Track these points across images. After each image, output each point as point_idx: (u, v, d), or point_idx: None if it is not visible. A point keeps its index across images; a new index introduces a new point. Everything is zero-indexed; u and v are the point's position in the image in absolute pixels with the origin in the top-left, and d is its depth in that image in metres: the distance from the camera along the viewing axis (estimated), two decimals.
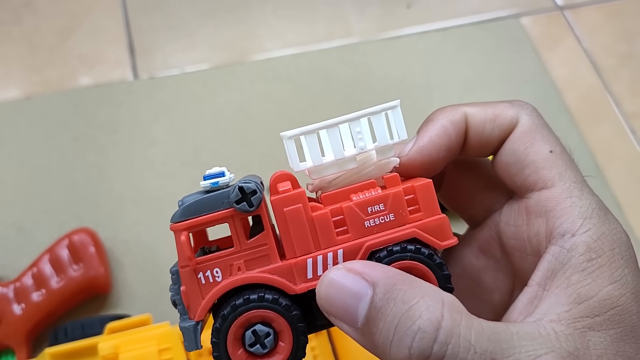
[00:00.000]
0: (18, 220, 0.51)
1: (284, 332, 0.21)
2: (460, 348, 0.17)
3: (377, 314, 0.18)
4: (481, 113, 0.23)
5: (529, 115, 0.22)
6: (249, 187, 0.20)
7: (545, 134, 0.22)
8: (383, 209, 0.21)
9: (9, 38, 0.62)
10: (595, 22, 0.67)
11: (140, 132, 0.56)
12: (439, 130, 0.23)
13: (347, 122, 0.22)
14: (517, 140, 0.22)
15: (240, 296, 0.21)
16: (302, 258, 0.21)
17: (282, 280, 0.21)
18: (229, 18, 0.64)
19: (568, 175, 0.21)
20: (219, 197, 0.21)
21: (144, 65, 0.60)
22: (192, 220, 0.21)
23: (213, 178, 0.21)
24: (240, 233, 0.21)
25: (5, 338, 0.43)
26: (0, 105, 0.57)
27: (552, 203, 0.21)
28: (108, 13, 0.63)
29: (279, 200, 0.21)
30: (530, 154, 0.22)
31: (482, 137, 0.23)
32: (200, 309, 0.21)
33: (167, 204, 0.52)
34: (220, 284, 0.21)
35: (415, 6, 0.67)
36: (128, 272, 0.49)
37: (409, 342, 0.17)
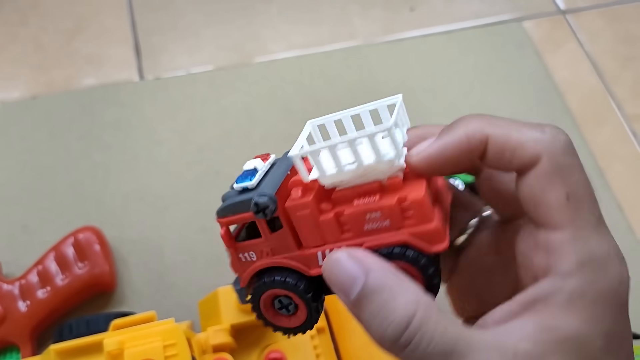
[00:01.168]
0: (24, 218, 0.51)
1: (300, 305, 0.26)
2: (424, 340, 0.21)
3: (365, 298, 0.22)
4: (504, 139, 0.22)
5: (551, 156, 0.21)
6: (264, 204, 0.24)
7: (569, 174, 0.22)
8: (380, 216, 0.23)
9: (16, 38, 0.62)
10: (597, 26, 0.67)
11: (146, 132, 0.56)
12: (454, 143, 0.23)
13: (349, 139, 0.23)
14: (537, 178, 0.22)
15: (271, 275, 0.26)
16: (314, 250, 0.25)
17: (300, 265, 0.26)
18: (234, 20, 0.65)
19: (579, 221, 0.21)
20: (244, 203, 0.25)
21: (150, 66, 0.61)
22: (228, 219, 0.25)
23: (243, 181, 0.25)
24: (264, 228, 0.25)
25: (10, 335, 0.44)
26: (7, 105, 0.57)
27: (556, 245, 0.22)
28: (114, 14, 0.64)
29: (291, 208, 0.24)
30: (546, 197, 0.22)
31: (499, 164, 0.23)
32: (243, 280, 0.27)
33: (172, 203, 0.53)
34: (255, 264, 0.26)
35: (419, 9, 0.67)
36: (133, 270, 0.49)
37: (385, 326, 0.21)
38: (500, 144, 0.22)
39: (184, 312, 0.47)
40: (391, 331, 0.21)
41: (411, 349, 0.21)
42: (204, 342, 0.39)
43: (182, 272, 0.49)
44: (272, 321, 0.27)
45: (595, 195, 0.22)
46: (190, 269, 0.49)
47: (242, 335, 0.41)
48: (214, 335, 0.39)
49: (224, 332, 0.39)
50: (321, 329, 0.43)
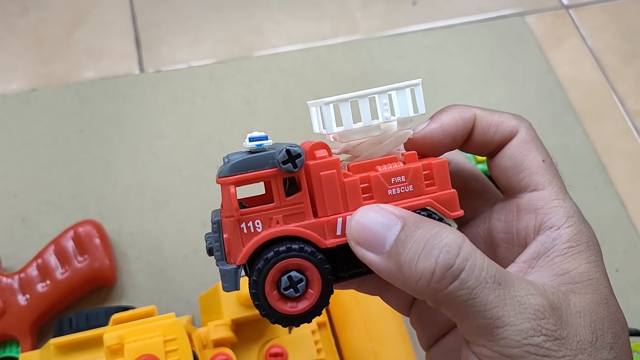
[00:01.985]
0: (23, 212, 0.51)
1: (314, 281, 0.24)
2: (476, 266, 0.21)
3: (407, 236, 0.22)
4: (488, 117, 0.26)
5: (527, 128, 0.26)
6: (295, 151, 0.23)
7: (540, 145, 0.26)
8: (404, 181, 0.24)
9: (16, 30, 0.62)
10: (600, 21, 0.67)
11: (146, 125, 0.56)
12: (450, 120, 0.26)
13: (376, 94, 0.25)
14: (516, 147, 0.26)
15: (283, 244, 0.23)
16: (333, 217, 0.24)
17: (315, 235, 0.24)
18: (235, 13, 0.64)
19: (555, 182, 0.25)
20: (264, 157, 0.23)
21: (150, 59, 0.61)
22: (240, 176, 0.23)
23: (258, 140, 0.23)
24: (280, 191, 0.23)
25: (10, 328, 0.44)
26: (6, 97, 0.57)
27: (542, 202, 0.25)
28: (115, 6, 0.64)
29: (317, 165, 0.24)
30: (526, 161, 0.25)
31: (485, 137, 0.26)
32: (242, 255, 0.23)
33: (172, 197, 0.52)
34: (262, 234, 0.23)
35: (421, 3, 0.67)
36: (133, 264, 0.49)
37: (437, 254, 0.21)
38: (486, 121, 0.26)
39: (184, 306, 0.47)
40: (444, 256, 0.21)
41: (465, 276, 0.20)
42: (204, 337, 0.39)
43: (182, 266, 0.49)
44: (275, 307, 0.24)
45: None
46: (191, 263, 0.49)
47: (242, 330, 0.41)
48: (214, 330, 0.39)
49: (224, 326, 0.39)
50: (322, 324, 0.43)
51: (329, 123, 0.24)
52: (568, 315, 0.21)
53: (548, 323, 0.21)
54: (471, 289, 0.20)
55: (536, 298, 0.21)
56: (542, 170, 0.25)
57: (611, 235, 0.54)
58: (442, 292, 0.21)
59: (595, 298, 0.22)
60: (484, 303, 0.20)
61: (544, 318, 0.21)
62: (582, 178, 0.57)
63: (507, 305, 0.20)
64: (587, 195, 0.56)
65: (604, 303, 0.22)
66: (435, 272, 0.21)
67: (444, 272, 0.20)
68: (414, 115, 0.25)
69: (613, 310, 0.23)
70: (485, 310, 0.20)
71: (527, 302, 0.21)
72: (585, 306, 0.22)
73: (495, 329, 0.20)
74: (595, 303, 0.22)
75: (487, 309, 0.20)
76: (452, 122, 0.26)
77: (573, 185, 0.28)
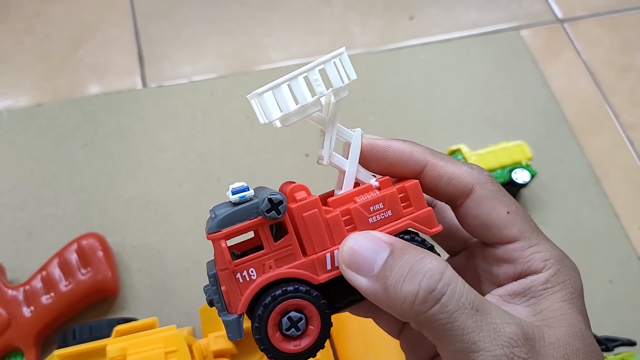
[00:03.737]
0: (29, 225, 0.52)
1: (313, 317, 0.25)
2: (457, 291, 0.22)
3: (394, 261, 0.23)
4: (442, 168, 0.26)
5: (484, 183, 0.26)
6: (277, 198, 0.24)
7: (501, 197, 0.26)
8: (382, 207, 0.25)
9: (22, 47, 0.63)
10: (594, 35, 0.68)
11: (148, 139, 0.57)
12: (397, 149, 0.26)
13: (305, 72, 0.26)
14: (478, 206, 0.26)
15: (278, 288, 0.24)
16: (322, 253, 0.25)
17: (307, 273, 0.25)
18: (235, 29, 0.66)
19: (526, 229, 0.26)
20: (249, 209, 0.24)
21: (153, 74, 0.62)
22: (228, 230, 0.24)
23: (240, 192, 0.24)
24: (269, 237, 0.24)
25: (15, 340, 0.45)
26: (12, 112, 0.58)
27: (517, 253, 0.25)
28: (118, 23, 0.65)
29: (299, 208, 0.25)
30: (492, 218, 0.26)
31: (437, 187, 0.26)
32: (242, 304, 0.24)
33: (174, 210, 0.53)
34: (257, 281, 0.24)
35: (417, 18, 0.68)
36: (135, 276, 0.50)
37: (420, 278, 0.22)
38: (438, 171, 0.26)
39: (185, 317, 0.48)
40: (426, 281, 0.22)
41: (445, 300, 0.21)
42: (205, 348, 0.40)
43: (183, 279, 0.50)
44: (280, 348, 0.25)
45: (543, 234, 0.26)
46: (192, 275, 0.50)
47: (242, 341, 0.42)
48: (214, 341, 0.40)
49: (224, 338, 0.40)
50: None
51: (268, 112, 0.25)
52: (541, 346, 0.22)
53: (521, 351, 0.21)
54: (450, 313, 0.21)
55: (511, 327, 0.22)
56: (509, 222, 0.25)
57: (605, 247, 0.54)
58: (424, 314, 0.22)
59: (570, 331, 0.23)
60: (462, 327, 0.21)
61: (517, 346, 0.21)
62: (576, 190, 0.58)
63: (483, 331, 0.21)
64: (581, 207, 0.57)
65: (579, 336, 0.23)
66: (418, 294, 0.22)
67: (427, 295, 0.22)
68: (347, 82, 0.26)
69: (589, 342, 0.23)
70: (462, 334, 0.21)
71: (502, 330, 0.22)
72: (559, 338, 0.23)
73: (471, 353, 0.21)
74: (569, 335, 0.23)
75: (464, 333, 0.21)
76: (398, 152, 0.26)
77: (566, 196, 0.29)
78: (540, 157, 0.57)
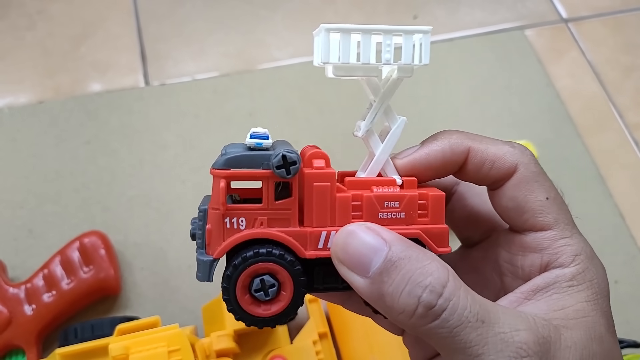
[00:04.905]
0: (30, 222, 0.52)
1: (286, 283, 0.24)
2: (459, 305, 0.20)
3: (392, 266, 0.21)
4: (484, 151, 0.24)
5: (527, 164, 0.24)
6: (291, 157, 0.22)
7: (542, 181, 0.24)
8: (397, 207, 0.24)
9: (24, 44, 0.63)
10: (599, 35, 0.68)
11: (151, 137, 0.57)
12: (437, 152, 0.25)
13: (382, 32, 0.23)
14: (516, 187, 0.24)
15: (250, 249, 0.23)
16: (318, 229, 0.23)
17: (296, 243, 0.23)
18: (238, 27, 0.65)
19: (562, 219, 0.24)
20: (260, 158, 0.23)
21: (155, 72, 0.62)
22: (232, 172, 0.23)
23: (258, 138, 0.23)
24: (270, 193, 0.23)
25: (16, 338, 0.44)
26: (14, 110, 0.58)
27: (548, 242, 0.24)
28: (121, 21, 0.65)
29: (312, 175, 0.23)
30: (529, 202, 0.24)
31: (480, 173, 0.25)
32: (220, 249, 0.23)
33: (176, 208, 0.53)
34: (243, 232, 0.23)
35: (422, 17, 0.68)
36: (137, 275, 0.50)
37: (420, 293, 0.20)
38: (480, 155, 0.24)
39: (188, 316, 0.47)
40: (427, 296, 0.20)
41: (446, 316, 0.20)
42: (207, 347, 0.39)
43: (186, 277, 0.50)
44: (248, 311, 0.24)
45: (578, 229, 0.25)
46: (194, 274, 0.50)
47: (245, 341, 0.42)
48: (217, 340, 0.40)
49: (227, 337, 0.40)
50: (324, 335, 0.44)
51: (327, 53, 0.23)
52: (556, 350, 0.21)
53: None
54: (452, 328, 0.20)
55: (521, 334, 0.21)
56: (546, 209, 0.24)
57: (610, 247, 0.54)
58: (423, 327, 0.21)
59: (589, 334, 0.22)
60: (465, 341, 0.20)
61: (527, 356, 0.21)
62: (581, 190, 0.57)
63: (489, 343, 0.20)
64: (586, 207, 0.56)
65: (598, 339, 0.22)
66: (417, 310, 0.20)
67: (426, 311, 0.20)
68: (417, 64, 0.24)
69: (607, 347, 0.22)
70: (465, 347, 0.20)
71: (510, 340, 0.21)
72: (576, 341, 0.22)
73: None
74: (587, 339, 0.22)
75: (467, 347, 0.20)
76: (440, 154, 0.25)
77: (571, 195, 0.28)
78: (545, 157, 0.57)
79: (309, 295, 0.46)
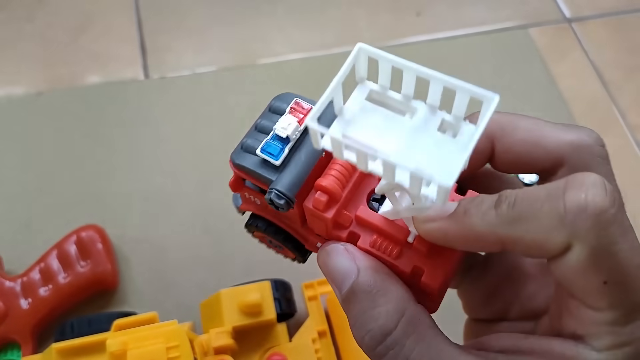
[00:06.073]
0: (27, 216, 0.51)
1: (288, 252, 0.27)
2: (399, 356, 0.20)
3: (353, 297, 0.21)
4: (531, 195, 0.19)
5: (585, 240, 0.17)
6: (279, 204, 0.22)
7: (604, 259, 0.18)
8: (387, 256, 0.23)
9: (23, 34, 0.62)
10: (602, 36, 0.68)
11: (150, 130, 0.56)
12: None
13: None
14: (567, 268, 0.18)
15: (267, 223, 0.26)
16: (314, 239, 0.25)
17: (299, 237, 0.26)
18: (239, 21, 0.65)
19: (619, 305, 0.19)
20: (263, 179, 0.23)
21: (155, 65, 0.61)
22: (244, 175, 0.24)
23: (268, 155, 0.23)
24: None
25: (12, 332, 0.44)
26: (11, 101, 0.57)
27: (590, 322, 0.19)
28: (121, 12, 0.64)
29: (309, 210, 0.23)
30: (580, 285, 0.19)
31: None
32: (241, 207, 0.27)
33: (175, 203, 0.53)
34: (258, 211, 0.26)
35: (425, 15, 0.67)
36: (135, 270, 0.49)
37: (363, 334, 0.21)
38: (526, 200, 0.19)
39: (185, 312, 0.47)
40: (368, 340, 0.20)
41: (387, 359, 0.20)
42: (205, 344, 0.39)
43: (184, 273, 0.49)
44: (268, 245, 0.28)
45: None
46: (193, 270, 0.49)
47: (243, 338, 0.41)
48: (215, 337, 0.39)
49: (225, 334, 0.39)
50: (322, 333, 0.43)
51: (318, 139, 0.19)
52: None
53: None
54: None
55: None
56: (599, 294, 0.18)
57: None
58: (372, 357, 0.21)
59: None
60: None
61: None
62: None
63: None
64: None
65: None
66: (362, 346, 0.21)
67: (369, 351, 0.21)
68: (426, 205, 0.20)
69: None
70: None
71: None
72: None
73: None
74: None
75: None
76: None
77: None
78: None
79: (309, 293, 0.46)
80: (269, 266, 0.48)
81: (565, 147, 0.21)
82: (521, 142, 0.22)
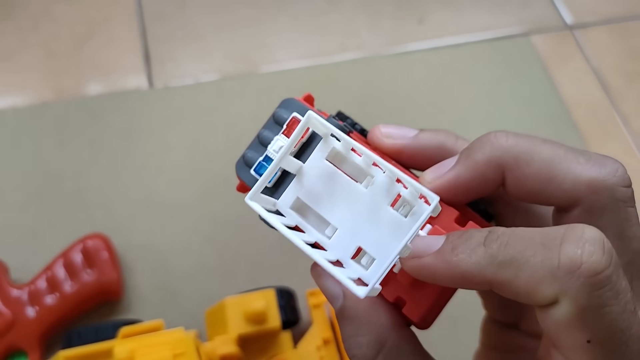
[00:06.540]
0: (33, 224, 0.51)
1: None
2: None
3: (340, 319, 0.22)
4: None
5: (575, 299, 0.17)
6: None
7: (592, 318, 0.17)
8: None
9: (27, 45, 0.63)
10: (604, 42, 0.68)
11: (154, 139, 0.57)
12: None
13: None
14: (552, 323, 0.18)
15: None
16: None
17: None
18: (242, 29, 0.65)
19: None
20: None
21: (159, 74, 0.61)
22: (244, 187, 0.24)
23: (257, 172, 0.24)
24: None
25: (19, 341, 0.44)
26: (16, 111, 0.58)
27: None
28: (124, 22, 0.65)
29: None
30: (561, 340, 0.18)
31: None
32: None
33: (180, 211, 0.53)
34: None
35: (427, 22, 0.68)
36: (140, 278, 0.49)
37: (350, 356, 0.21)
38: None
39: (190, 320, 0.47)
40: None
41: None
42: (210, 352, 0.39)
43: (188, 281, 0.49)
44: None
45: None
46: (197, 278, 0.50)
47: (248, 346, 0.41)
48: (221, 344, 0.39)
49: (231, 341, 0.40)
50: (327, 340, 0.44)
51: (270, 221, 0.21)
52: None
53: None
54: None
55: None
56: (584, 352, 0.17)
57: None
58: None
59: None
60: None
61: None
62: None
63: None
64: None
65: None
66: None
67: None
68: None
69: None
70: None
71: None
72: None
73: None
74: None
75: None
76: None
77: None
78: None
79: (313, 301, 0.46)
80: (273, 274, 0.48)
81: (583, 188, 0.19)
82: (535, 177, 0.20)
